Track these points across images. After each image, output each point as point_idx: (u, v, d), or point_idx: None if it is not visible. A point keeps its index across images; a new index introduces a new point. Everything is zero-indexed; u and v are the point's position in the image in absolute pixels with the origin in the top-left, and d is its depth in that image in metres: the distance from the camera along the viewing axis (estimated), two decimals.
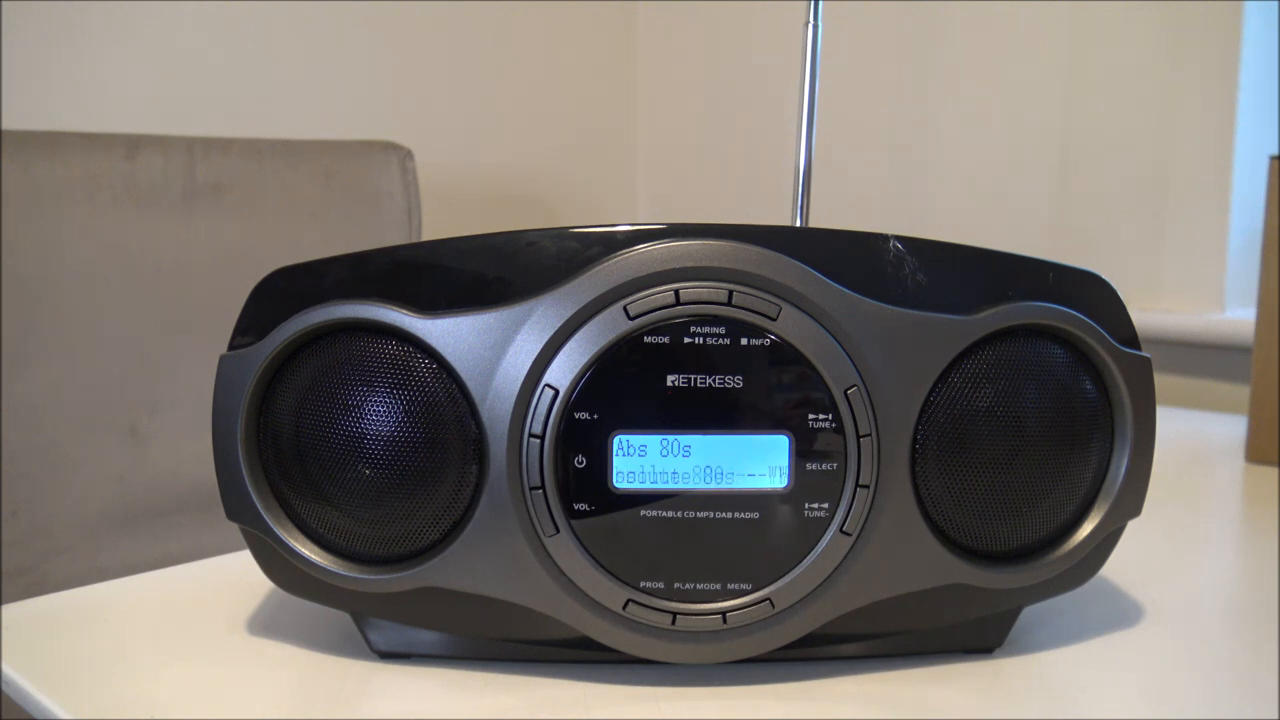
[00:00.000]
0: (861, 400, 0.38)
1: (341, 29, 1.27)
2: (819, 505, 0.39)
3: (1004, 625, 0.43)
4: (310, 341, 0.39)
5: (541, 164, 1.51)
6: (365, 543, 0.40)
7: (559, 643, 0.41)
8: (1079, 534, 0.42)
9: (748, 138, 1.48)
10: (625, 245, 0.38)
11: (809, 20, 0.53)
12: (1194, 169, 1.08)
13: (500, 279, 0.39)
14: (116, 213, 0.90)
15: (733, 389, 0.38)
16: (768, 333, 0.38)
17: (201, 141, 0.96)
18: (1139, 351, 0.42)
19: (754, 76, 1.47)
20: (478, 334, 0.38)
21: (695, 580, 0.39)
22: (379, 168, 1.06)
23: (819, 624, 0.40)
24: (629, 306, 0.38)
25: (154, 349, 0.92)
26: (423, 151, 1.12)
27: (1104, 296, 0.42)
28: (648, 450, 0.38)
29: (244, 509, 0.40)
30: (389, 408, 0.39)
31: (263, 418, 0.40)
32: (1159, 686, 0.41)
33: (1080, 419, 0.41)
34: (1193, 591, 0.52)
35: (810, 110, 0.52)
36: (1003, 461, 0.40)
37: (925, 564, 0.40)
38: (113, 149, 0.91)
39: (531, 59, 1.48)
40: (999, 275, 0.40)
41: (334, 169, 1.03)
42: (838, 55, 1.29)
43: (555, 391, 0.38)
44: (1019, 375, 0.40)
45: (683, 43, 1.57)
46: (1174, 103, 1.09)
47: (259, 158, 0.99)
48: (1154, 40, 1.10)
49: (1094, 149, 1.16)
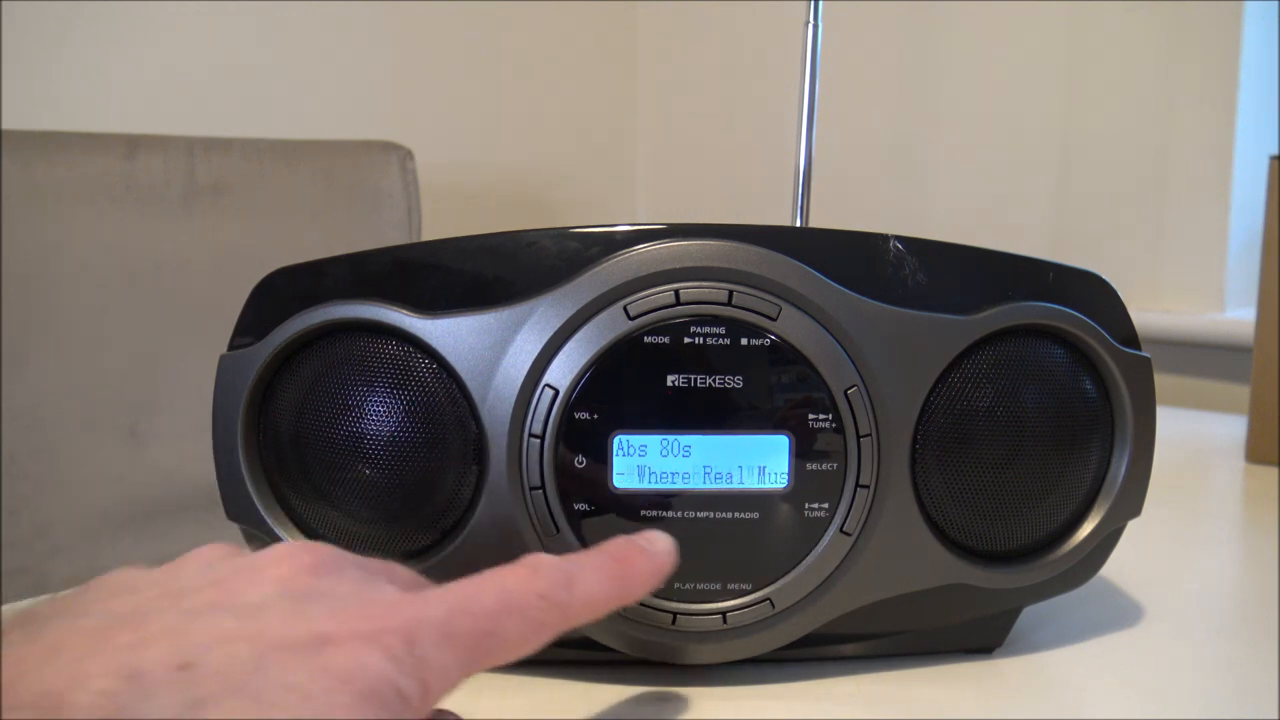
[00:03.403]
0: (861, 400, 0.38)
1: (341, 29, 1.27)
2: (819, 505, 0.39)
3: (1004, 625, 0.43)
4: (310, 342, 0.39)
5: (541, 164, 1.51)
6: (365, 543, 0.40)
7: (559, 643, 0.40)
8: (1079, 534, 0.42)
9: (748, 138, 1.48)
10: (625, 245, 0.38)
11: (809, 20, 0.53)
12: (1194, 169, 1.08)
13: (500, 279, 0.39)
14: (116, 213, 0.90)
15: (733, 389, 0.38)
16: (768, 333, 0.38)
17: (201, 141, 0.96)
18: (1139, 351, 0.42)
19: (754, 76, 1.47)
20: (478, 334, 0.38)
21: (695, 580, 0.39)
22: (379, 168, 1.06)
23: (819, 624, 0.40)
24: (629, 306, 0.38)
25: (154, 349, 0.92)
26: (423, 151, 1.12)
27: (1104, 296, 0.42)
28: (648, 450, 0.38)
29: (244, 509, 0.40)
30: (389, 408, 0.39)
31: (263, 418, 0.40)
32: (1159, 686, 0.41)
33: (1080, 419, 0.41)
34: (1193, 591, 0.52)
35: (810, 110, 0.52)
36: (1003, 461, 0.40)
37: (925, 564, 0.40)
38: (113, 149, 0.91)
39: (531, 59, 1.48)
40: (999, 275, 0.40)
41: (334, 169, 1.03)
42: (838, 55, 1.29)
43: (555, 391, 0.38)
44: (1019, 375, 0.40)
45: (683, 43, 1.57)
46: (1174, 103, 1.09)
47: (259, 158, 0.99)
48: (1154, 40, 1.10)
49: (1094, 149, 1.16)
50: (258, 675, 0.22)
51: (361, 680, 0.23)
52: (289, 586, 0.26)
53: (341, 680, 0.23)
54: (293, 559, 0.27)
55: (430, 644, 0.25)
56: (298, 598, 0.25)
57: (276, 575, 0.26)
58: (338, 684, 0.23)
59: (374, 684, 0.23)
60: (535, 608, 0.28)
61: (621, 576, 0.31)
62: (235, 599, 0.25)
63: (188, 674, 0.22)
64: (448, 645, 0.25)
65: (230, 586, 0.25)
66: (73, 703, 0.21)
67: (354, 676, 0.23)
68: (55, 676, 0.21)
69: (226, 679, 0.22)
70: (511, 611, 0.27)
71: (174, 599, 0.25)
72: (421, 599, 0.26)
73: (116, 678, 0.21)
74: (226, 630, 0.23)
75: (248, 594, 0.25)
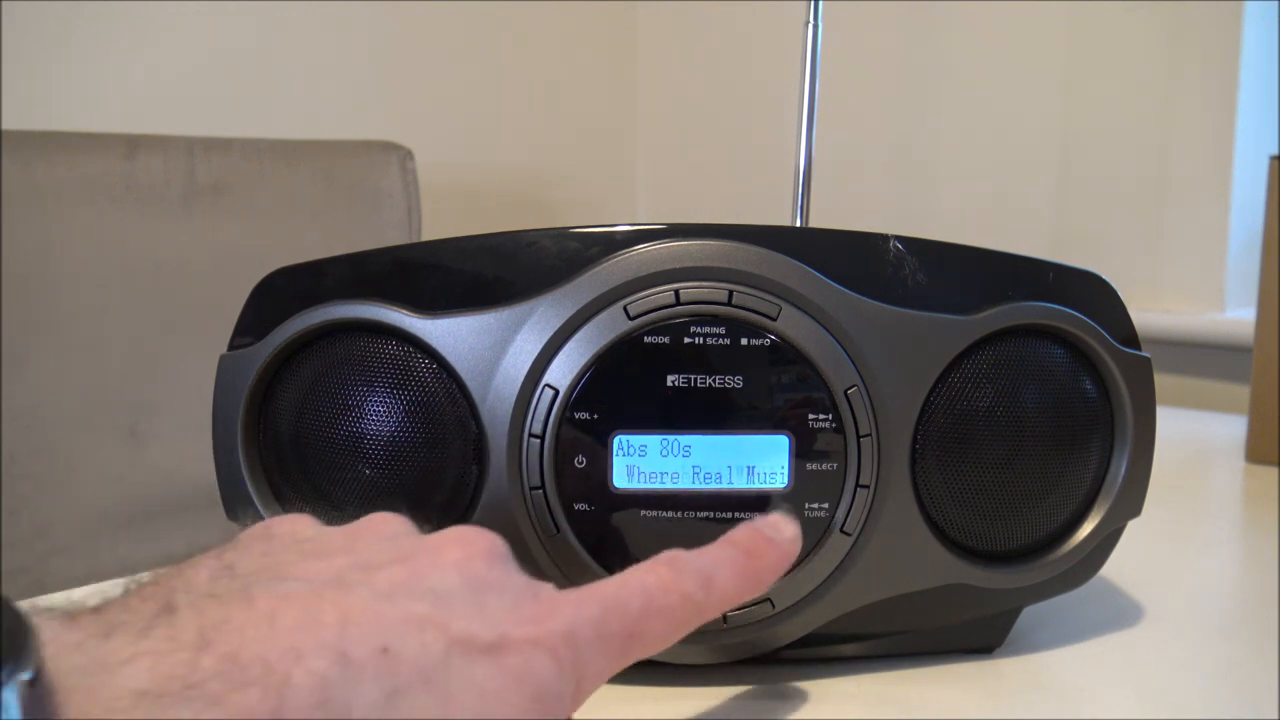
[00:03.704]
0: (861, 400, 0.38)
1: (341, 29, 1.27)
2: (819, 505, 0.39)
3: (1004, 625, 0.43)
4: (310, 342, 0.39)
5: (541, 164, 1.51)
6: None
7: None
8: (1079, 534, 0.42)
9: (748, 138, 1.48)
10: (625, 245, 0.38)
11: (809, 20, 0.53)
12: (1194, 169, 1.08)
13: (500, 279, 0.39)
14: (116, 213, 0.90)
15: (733, 389, 0.38)
16: (768, 333, 0.38)
17: (201, 141, 0.96)
18: (1139, 351, 0.42)
19: (754, 76, 1.47)
20: (478, 334, 0.38)
21: None
22: (379, 168, 1.06)
23: (819, 624, 0.40)
24: (629, 306, 0.38)
25: (154, 349, 0.92)
26: (423, 151, 1.12)
27: (1104, 296, 0.42)
28: (648, 450, 0.38)
29: (244, 509, 0.40)
30: (389, 408, 0.39)
31: (263, 418, 0.40)
32: (1159, 686, 0.41)
33: (1080, 419, 0.41)
34: (1193, 591, 0.52)
35: (810, 110, 0.52)
36: (1003, 461, 0.40)
37: (925, 564, 0.40)
38: (112, 149, 0.91)
39: (531, 59, 1.48)
40: (999, 275, 0.40)
41: (334, 169, 1.03)
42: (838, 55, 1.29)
43: (555, 391, 0.38)
44: (1019, 375, 0.40)
45: (683, 43, 1.57)
46: (1174, 103, 1.09)
47: (259, 158, 0.99)
48: (1154, 40, 1.10)
49: (1094, 149, 1.16)
50: (444, 669, 0.23)
51: (532, 682, 0.24)
52: (467, 574, 0.26)
53: (515, 681, 0.24)
54: (469, 543, 0.27)
55: (586, 646, 0.26)
56: (476, 588, 0.26)
57: (455, 559, 0.26)
58: (512, 684, 0.24)
59: (541, 687, 0.24)
60: (677, 608, 0.28)
61: (754, 571, 0.31)
62: (422, 581, 0.25)
63: (387, 659, 0.22)
64: (601, 647, 0.26)
65: (415, 566, 0.26)
66: (293, 681, 0.21)
67: (525, 679, 0.24)
68: (272, 649, 0.21)
69: (418, 669, 0.23)
70: (656, 613, 0.28)
71: (366, 572, 0.25)
72: (576, 600, 0.27)
73: (330, 659, 0.22)
74: (418, 615, 0.24)
75: (431, 578, 0.25)
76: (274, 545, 0.27)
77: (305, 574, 0.25)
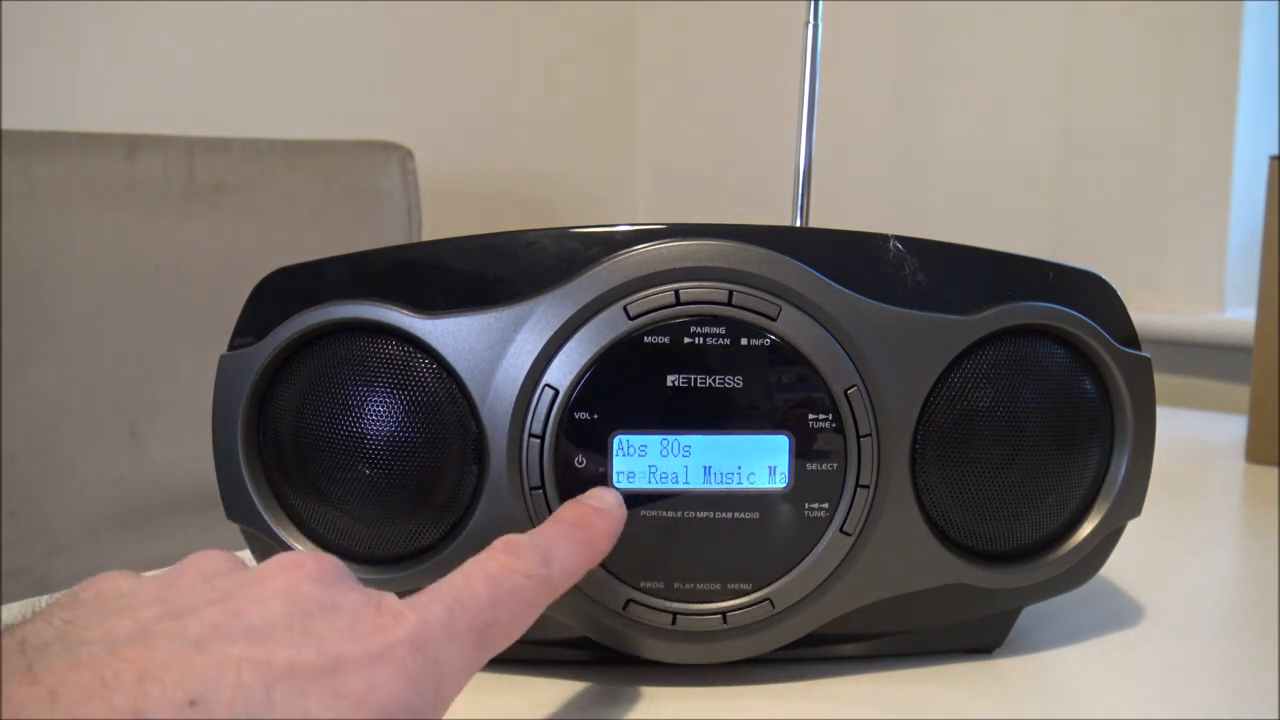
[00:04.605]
0: (861, 400, 0.38)
1: (341, 29, 1.27)
2: (819, 505, 0.39)
3: (1004, 625, 0.43)
4: (310, 341, 0.39)
5: (541, 164, 1.51)
6: (365, 543, 0.40)
7: (559, 643, 0.41)
8: (1079, 534, 0.42)
9: (748, 138, 1.48)
10: (625, 245, 0.38)
11: (809, 20, 0.53)
12: (1194, 169, 1.08)
13: (500, 279, 0.39)
14: (116, 213, 0.91)
15: (733, 389, 0.38)
16: (768, 333, 0.38)
17: (201, 141, 0.96)
18: (1139, 351, 0.42)
19: (754, 76, 1.47)
20: (478, 334, 0.38)
21: (695, 580, 0.39)
22: (379, 168, 1.06)
23: (819, 624, 0.40)
24: (629, 306, 0.38)
25: (154, 349, 0.92)
26: (423, 151, 1.12)
27: (1104, 296, 0.42)
28: (648, 450, 0.38)
29: (244, 509, 0.40)
30: (389, 408, 0.39)
31: (263, 418, 0.40)
32: (1159, 686, 0.41)
33: (1080, 419, 0.41)
34: (1193, 591, 0.52)
35: (810, 110, 0.52)
36: (1003, 461, 0.40)
37: (925, 564, 0.40)
38: (112, 149, 0.91)
39: (531, 59, 1.48)
40: (999, 275, 0.40)
41: (334, 169, 1.03)
42: (838, 55, 1.29)
43: (555, 391, 0.38)
44: (1019, 375, 0.40)
45: (683, 43, 1.57)
46: (1174, 103, 1.09)
47: (259, 158, 0.99)
48: (1154, 40, 1.10)
49: (1094, 149, 1.16)
50: (268, 707, 0.22)
51: (376, 700, 0.23)
52: (293, 601, 0.25)
53: (357, 702, 0.23)
54: (295, 567, 0.26)
55: (437, 647, 0.25)
56: (303, 614, 0.25)
57: (278, 587, 0.25)
58: (353, 706, 0.23)
59: (390, 701, 0.23)
60: (524, 588, 0.28)
61: (588, 541, 0.33)
62: (239, 620, 0.24)
63: (196, 711, 0.21)
64: (454, 644, 0.26)
65: (233, 605, 0.25)
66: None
67: (368, 698, 0.23)
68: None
69: (237, 713, 0.22)
70: (505, 596, 0.28)
71: (175, 620, 0.24)
72: (419, 604, 0.26)
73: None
74: (232, 657, 0.23)
75: (251, 614, 0.24)
76: (78, 611, 0.25)
77: (104, 635, 0.23)
